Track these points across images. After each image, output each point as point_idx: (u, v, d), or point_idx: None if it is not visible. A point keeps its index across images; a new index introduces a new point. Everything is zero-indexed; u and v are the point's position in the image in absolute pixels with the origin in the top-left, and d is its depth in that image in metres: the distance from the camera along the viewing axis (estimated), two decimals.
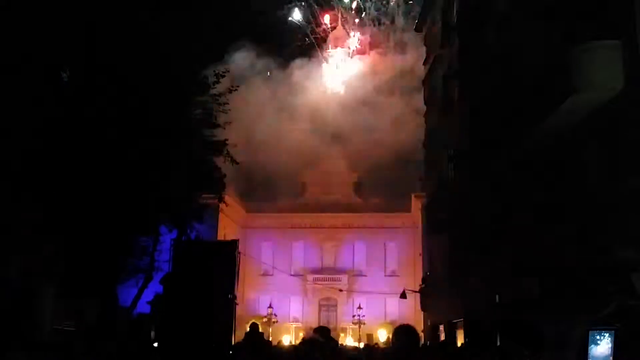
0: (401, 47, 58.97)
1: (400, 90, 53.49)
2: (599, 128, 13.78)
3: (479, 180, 20.77)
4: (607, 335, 8.58)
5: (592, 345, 8.67)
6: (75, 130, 14.71)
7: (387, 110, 53.74)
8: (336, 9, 63.99)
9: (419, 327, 32.19)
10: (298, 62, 60.12)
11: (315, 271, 52.78)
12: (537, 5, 16.11)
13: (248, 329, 11.53)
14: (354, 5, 63.85)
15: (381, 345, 30.28)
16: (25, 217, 14.53)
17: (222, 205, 29.77)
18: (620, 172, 12.75)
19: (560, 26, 14.74)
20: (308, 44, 63.10)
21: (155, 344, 17.65)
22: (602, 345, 8.66)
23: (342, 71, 63.82)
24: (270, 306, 47.17)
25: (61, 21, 14.38)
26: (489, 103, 19.97)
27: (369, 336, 44.78)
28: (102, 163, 15.10)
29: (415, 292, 36.42)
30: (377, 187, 52.07)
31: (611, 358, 8.58)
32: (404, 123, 48.54)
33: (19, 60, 13.77)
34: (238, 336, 17.26)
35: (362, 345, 41.21)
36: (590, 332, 8.73)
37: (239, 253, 18.55)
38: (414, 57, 48.41)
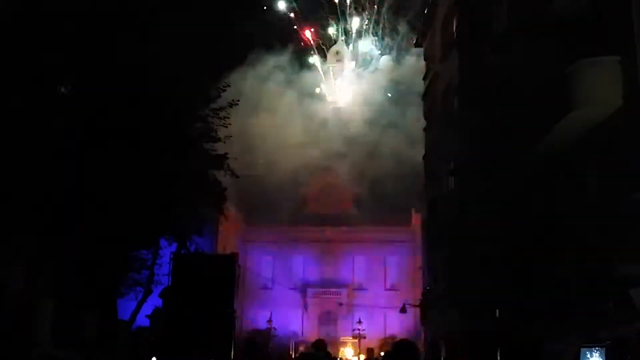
0: (403, 60, 59.34)
1: (402, 104, 53.65)
2: (599, 144, 13.83)
3: (479, 195, 20.79)
4: (598, 351, 8.58)
5: None
6: (75, 143, 14.75)
7: (388, 123, 53.90)
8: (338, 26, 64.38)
9: (419, 341, 32.07)
10: (300, 74, 60.47)
11: (315, 285, 52.61)
12: (536, 22, 16.22)
13: (246, 344, 11.52)
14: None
15: None
16: (25, 231, 14.54)
17: (221, 219, 29.77)
18: (619, 187, 12.78)
19: (559, 42, 14.85)
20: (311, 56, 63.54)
21: (154, 358, 17.61)
22: None
23: (343, 85, 64.11)
24: (269, 320, 46.99)
25: (63, 32, 14.46)
26: (489, 118, 20.05)
27: (369, 351, 44.57)
28: (102, 176, 15.12)
29: (416, 306, 36.31)
30: (378, 201, 52.06)
31: None
32: (405, 136, 48.65)
33: (19, 73, 13.84)
34: (237, 350, 17.18)
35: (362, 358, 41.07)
36: (582, 350, 8.74)
37: (239, 266, 18.57)
38: (416, 71, 48.57)
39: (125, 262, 20.00)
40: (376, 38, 63.96)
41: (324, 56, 65.04)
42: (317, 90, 63.25)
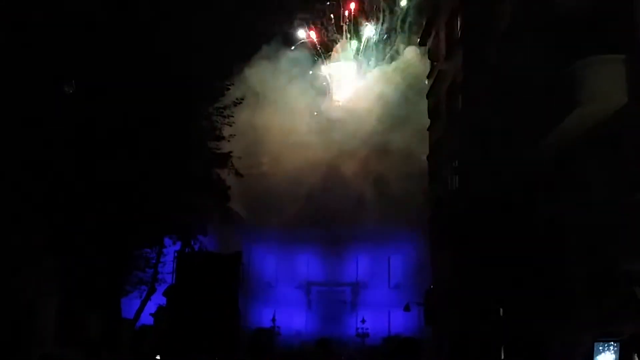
0: (408, 58, 59.16)
1: (410, 101, 53.41)
2: (603, 141, 13.78)
3: (483, 193, 20.74)
4: (612, 345, 8.53)
5: (597, 357, 8.64)
6: (79, 142, 14.76)
7: (395, 121, 53.73)
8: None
9: (423, 340, 32.01)
10: (304, 72, 60.37)
11: (319, 283, 52.58)
12: (540, 20, 16.17)
13: (250, 343, 11.51)
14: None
15: None
16: (30, 230, 14.56)
17: (225, 217, 29.74)
18: (624, 184, 12.74)
19: (563, 40, 14.80)
20: (315, 54, 63.48)
21: (158, 357, 17.66)
22: (607, 356, 8.62)
23: (348, 82, 64.03)
24: (273, 319, 47.00)
25: (67, 31, 14.46)
26: (493, 116, 20.00)
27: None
28: (106, 176, 15.13)
29: (420, 304, 36.23)
30: (382, 199, 51.98)
31: None
32: (412, 134, 48.44)
33: (23, 75, 13.84)
34: (240, 349, 17.18)
35: None
36: (596, 343, 8.72)
37: (242, 265, 18.58)
38: (420, 69, 48.42)
39: (129, 260, 20.02)
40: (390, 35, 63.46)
41: (334, 52, 64.85)
42: (325, 86, 63.17)
